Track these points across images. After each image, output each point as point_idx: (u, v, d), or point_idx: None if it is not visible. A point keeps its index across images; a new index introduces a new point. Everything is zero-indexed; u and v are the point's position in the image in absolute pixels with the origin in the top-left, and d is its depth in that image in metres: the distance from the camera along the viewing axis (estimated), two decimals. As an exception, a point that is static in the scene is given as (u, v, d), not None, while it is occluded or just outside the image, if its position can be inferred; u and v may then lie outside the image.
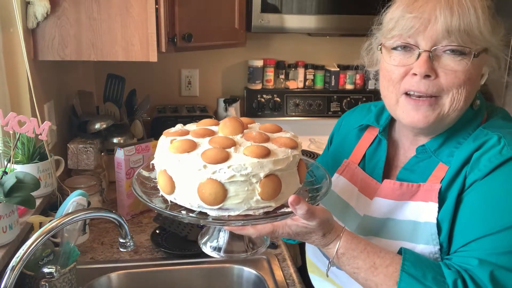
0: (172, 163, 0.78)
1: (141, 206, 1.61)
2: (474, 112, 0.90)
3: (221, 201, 0.76)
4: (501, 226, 0.77)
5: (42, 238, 0.92)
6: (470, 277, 0.77)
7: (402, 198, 0.89)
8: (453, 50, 0.82)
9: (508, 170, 0.79)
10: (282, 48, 2.51)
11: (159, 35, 1.48)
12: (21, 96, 1.41)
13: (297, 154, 0.81)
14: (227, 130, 0.84)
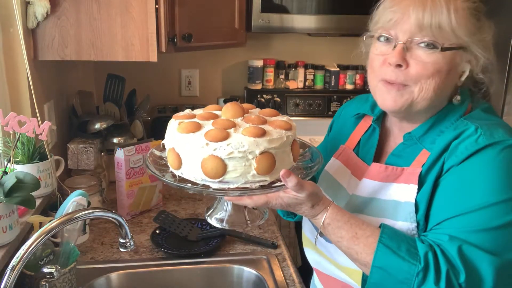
0: (179, 142, 0.89)
1: (141, 206, 1.61)
2: (455, 105, 0.97)
3: (222, 175, 0.86)
4: (472, 208, 0.85)
5: (42, 238, 0.92)
6: (441, 250, 0.85)
7: (387, 180, 0.97)
8: (425, 43, 0.90)
9: (482, 157, 0.87)
10: (282, 48, 2.51)
11: (159, 35, 1.48)
12: (21, 96, 1.41)
13: (290, 135, 0.91)
14: (229, 114, 0.95)
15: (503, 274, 0.83)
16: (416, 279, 0.83)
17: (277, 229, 1.54)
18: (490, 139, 0.88)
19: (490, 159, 0.87)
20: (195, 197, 1.78)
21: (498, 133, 0.89)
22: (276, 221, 1.62)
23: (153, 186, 1.63)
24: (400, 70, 0.92)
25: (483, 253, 0.83)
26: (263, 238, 1.46)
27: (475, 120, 0.93)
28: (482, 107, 0.98)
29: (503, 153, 0.87)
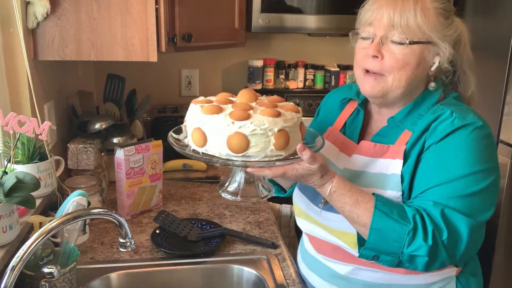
0: (205, 122, 1.01)
1: (141, 206, 1.61)
2: (431, 91, 1.12)
3: (245, 149, 0.99)
4: (450, 178, 1.01)
5: (42, 238, 0.92)
6: (427, 214, 1.00)
7: (375, 156, 1.12)
8: (395, 39, 1.06)
9: (457, 136, 1.03)
10: (282, 48, 2.51)
11: (159, 35, 1.48)
12: (21, 96, 1.41)
13: (299, 116, 1.05)
14: (244, 99, 1.09)
15: (475, 233, 1.00)
16: (407, 237, 0.97)
17: (277, 229, 1.54)
18: (463, 121, 1.03)
19: (463, 137, 1.03)
20: (195, 197, 1.78)
21: (469, 116, 1.05)
22: (276, 221, 1.62)
23: (153, 186, 1.63)
24: (377, 61, 1.08)
25: (461, 216, 0.98)
26: (263, 238, 1.46)
27: (449, 105, 1.08)
28: (453, 95, 1.14)
29: (474, 133, 1.03)
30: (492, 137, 1.07)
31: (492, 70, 1.91)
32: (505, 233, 1.93)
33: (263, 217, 1.63)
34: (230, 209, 1.68)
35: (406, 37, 1.05)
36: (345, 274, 1.16)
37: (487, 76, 1.96)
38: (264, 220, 1.60)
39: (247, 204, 1.72)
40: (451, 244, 0.98)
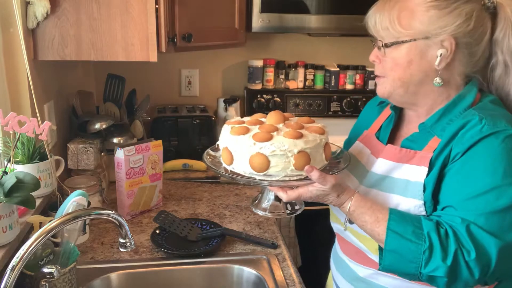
0: (232, 142, 1.09)
1: (141, 206, 1.61)
2: (464, 95, 1.06)
3: (266, 169, 1.05)
4: (479, 191, 0.94)
5: (42, 238, 0.92)
6: (453, 231, 0.94)
7: (400, 161, 1.08)
8: (380, 43, 1.07)
9: (486, 145, 0.96)
10: (282, 48, 2.51)
11: (159, 35, 1.48)
12: (21, 96, 1.41)
13: (323, 139, 1.09)
14: (272, 120, 1.15)
15: (505, 253, 0.92)
16: (423, 257, 0.93)
17: (277, 229, 1.55)
18: (493, 128, 0.96)
19: (493, 146, 0.95)
20: (195, 197, 1.78)
21: (501, 123, 0.97)
22: (276, 221, 1.62)
23: (153, 186, 1.63)
24: (377, 65, 1.11)
25: (489, 235, 0.92)
26: (263, 238, 1.46)
27: (481, 111, 1.01)
28: (489, 98, 1.07)
29: (506, 141, 0.95)
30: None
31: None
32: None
33: (263, 217, 1.63)
34: (230, 209, 1.68)
35: (383, 40, 1.06)
36: (365, 276, 1.14)
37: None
38: (264, 220, 1.60)
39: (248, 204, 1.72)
40: (478, 265, 0.91)
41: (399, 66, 1.06)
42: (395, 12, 1.04)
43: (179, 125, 2.17)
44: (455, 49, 1.02)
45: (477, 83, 1.08)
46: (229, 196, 1.80)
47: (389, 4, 1.05)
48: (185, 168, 2.07)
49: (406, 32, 1.03)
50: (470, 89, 1.06)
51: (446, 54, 1.02)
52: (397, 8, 1.04)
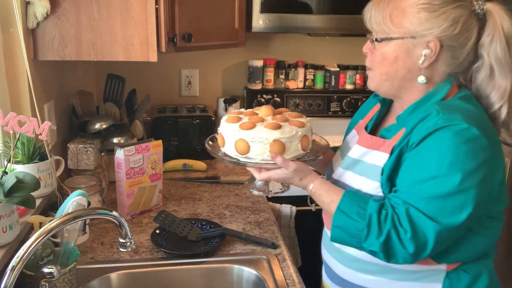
0: (225, 128, 1.28)
1: (141, 206, 1.61)
2: (437, 90, 1.13)
3: (246, 152, 1.23)
4: (422, 178, 1.03)
5: (42, 238, 0.92)
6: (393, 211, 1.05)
7: (371, 147, 1.18)
8: (373, 37, 1.14)
9: (437, 136, 1.02)
10: (282, 48, 2.51)
11: (159, 35, 1.48)
12: (21, 96, 1.41)
13: (300, 132, 1.23)
14: (263, 113, 1.32)
15: (441, 237, 1.02)
16: (362, 234, 1.05)
17: (277, 229, 1.55)
18: (447, 122, 1.02)
19: (444, 138, 1.02)
20: (195, 197, 1.78)
21: (455, 117, 1.02)
22: (276, 221, 1.62)
23: (153, 186, 1.63)
24: (368, 56, 1.17)
25: (427, 218, 1.01)
26: (263, 238, 1.46)
27: (443, 105, 1.08)
28: (460, 94, 1.12)
29: (456, 135, 1.01)
30: (483, 140, 1.01)
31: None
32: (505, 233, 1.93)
33: (263, 217, 1.63)
34: (230, 209, 1.68)
35: (376, 35, 1.13)
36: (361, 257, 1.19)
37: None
38: (264, 220, 1.60)
39: (248, 204, 1.72)
40: (412, 243, 1.01)
41: (387, 61, 1.12)
42: (388, 10, 1.10)
43: (179, 125, 2.18)
44: (440, 50, 1.08)
45: (453, 80, 1.13)
46: (229, 196, 1.80)
47: (385, 1, 1.11)
48: (185, 168, 2.07)
49: (396, 30, 1.09)
50: (444, 86, 1.12)
51: (430, 55, 1.08)
52: (391, 7, 1.09)
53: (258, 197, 1.79)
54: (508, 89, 1.10)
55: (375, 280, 1.18)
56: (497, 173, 1.06)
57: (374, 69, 1.16)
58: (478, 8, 1.08)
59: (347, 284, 1.23)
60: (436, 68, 1.11)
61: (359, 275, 1.20)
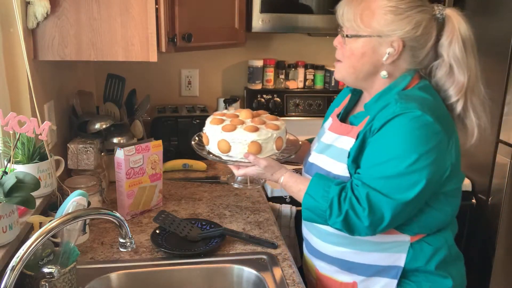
0: (209, 129, 1.44)
1: (141, 206, 1.61)
2: (399, 81, 1.24)
3: (228, 151, 1.39)
4: (379, 161, 1.16)
5: (42, 238, 0.92)
6: (352, 193, 1.17)
7: (341, 133, 1.30)
8: (343, 33, 1.25)
9: (395, 122, 1.14)
10: (282, 48, 2.51)
11: (159, 35, 1.48)
12: (21, 96, 1.41)
13: (275, 134, 1.39)
14: (243, 116, 1.48)
15: (397, 211, 1.14)
16: (326, 214, 1.19)
17: (277, 229, 1.55)
18: (403, 109, 1.13)
19: (400, 124, 1.13)
20: (195, 197, 1.78)
21: (411, 105, 1.14)
22: (276, 221, 1.62)
23: (153, 186, 1.63)
24: (338, 49, 1.28)
25: (381, 196, 1.14)
26: (263, 238, 1.46)
27: (402, 95, 1.20)
28: (419, 85, 1.24)
29: (412, 121, 1.12)
30: (435, 126, 1.12)
31: (492, 70, 1.91)
32: (505, 233, 1.93)
33: (263, 217, 1.63)
34: (230, 209, 1.68)
35: (346, 31, 1.24)
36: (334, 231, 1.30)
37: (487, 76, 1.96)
38: (264, 220, 1.60)
39: (248, 204, 1.72)
40: (369, 219, 1.14)
41: (354, 55, 1.23)
42: (359, 9, 1.20)
43: (179, 125, 2.17)
44: (402, 49, 1.20)
45: (413, 73, 1.24)
46: (229, 196, 1.80)
47: (356, 1, 1.21)
48: (185, 168, 2.07)
49: (365, 29, 1.20)
50: (405, 77, 1.24)
51: (393, 53, 1.20)
52: (362, 6, 1.20)
53: (258, 197, 1.79)
54: (465, 85, 1.21)
55: (348, 252, 1.29)
56: (448, 155, 1.17)
57: (343, 61, 1.27)
58: (439, 13, 1.20)
59: (325, 256, 1.34)
60: (397, 65, 1.23)
61: (334, 247, 1.31)
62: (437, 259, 1.25)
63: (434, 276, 1.27)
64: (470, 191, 2.06)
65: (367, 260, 1.28)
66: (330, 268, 1.34)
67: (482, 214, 2.01)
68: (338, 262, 1.31)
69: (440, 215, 1.23)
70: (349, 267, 1.30)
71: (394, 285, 1.26)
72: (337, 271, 1.32)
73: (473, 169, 2.07)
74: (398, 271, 1.25)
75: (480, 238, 2.03)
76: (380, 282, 1.28)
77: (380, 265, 1.27)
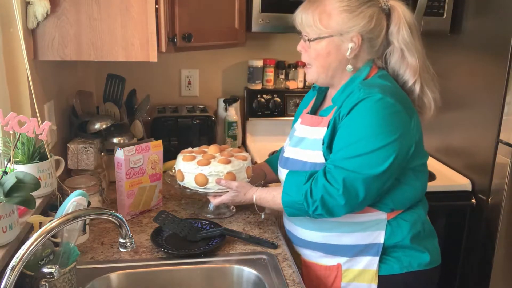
0: (183, 166, 1.56)
1: (141, 206, 1.61)
2: (359, 73, 1.36)
3: (205, 184, 1.52)
4: (349, 142, 1.26)
5: (42, 238, 0.92)
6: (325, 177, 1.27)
7: (312, 125, 1.40)
8: (304, 37, 1.36)
9: (360, 107, 1.25)
10: (282, 48, 2.51)
11: (159, 35, 1.48)
12: (21, 96, 1.41)
13: (245, 163, 1.56)
14: (212, 151, 1.63)
15: (370, 186, 1.24)
16: (303, 206, 1.29)
17: (277, 229, 1.55)
18: (366, 94, 1.25)
19: (365, 107, 1.24)
20: (194, 198, 1.78)
21: (374, 90, 1.25)
22: (276, 221, 1.62)
23: (153, 186, 1.63)
24: (303, 53, 1.39)
25: (354, 173, 1.24)
26: (263, 238, 1.46)
27: (364, 83, 1.32)
28: (378, 74, 1.36)
29: (376, 104, 1.24)
30: (397, 106, 1.25)
31: (492, 70, 1.91)
32: (505, 233, 1.93)
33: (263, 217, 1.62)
34: (230, 209, 1.68)
35: (308, 35, 1.34)
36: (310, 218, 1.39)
37: (487, 76, 1.96)
38: (264, 220, 1.60)
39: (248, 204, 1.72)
40: (345, 197, 1.24)
41: (321, 56, 1.34)
42: (316, 14, 1.31)
43: (179, 125, 2.18)
44: (361, 42, 1.31)
45: (371, 64, 1.37)
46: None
47: (312, 7, 1.32)
48: (185, 168, 2.07)
49: (325, 30, 1.31)
50: (364, 68, 1.36)
51: (354, 47, 1.32)
52: (318, 11, 1.31)
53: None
54: (418, 66, 1.33)
55: (331, 235, 1.37)
56: (412, 133, 1.28)
57: (312, 64, 1.37)
58: (384, 5, 1.33)
59: (309, 244, 1.42)
60: (359, 57, 1.35)
61: (317, 233, 1.39)
62: (413, 233, 1.35)
63: (412, 250, 1.36)
64: (470, 191, 2.05)
65: (349, 241, 1.36)
66: (314, 254, 1.42)
67: (482, 214, 2.01)
68: (322, 247, 1.39)
69: (411, 190, 1.34)
70: (333, 250, 1.38)
71: (376, 261, 1.35)
72: (322, 256, 1.41)
73: (473, 169, 2.07)
74: (378, 248, 1.35)
75: (480, 238, 2.03)
76: (363, 261, 1.36)
77: (361, 244, 1.35)
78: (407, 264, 1.36)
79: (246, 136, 2.52)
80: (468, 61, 2.09)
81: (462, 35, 2.12)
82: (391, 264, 1.36)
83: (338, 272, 1.39)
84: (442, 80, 1.42)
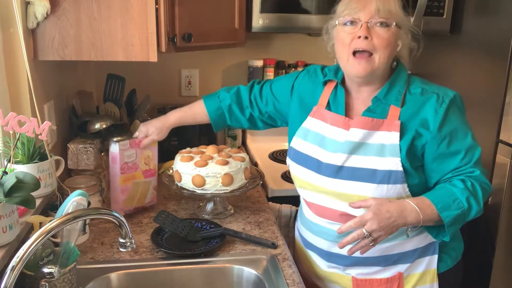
0: (181, 167, 1.56)
1: (135, 202, 1.61)
2: (400, 71, 1.35)
3: (203, 185, 1.53)
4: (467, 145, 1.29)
5: (42, 238, 0.92)
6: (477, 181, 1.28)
7: (372, 129, 1.30)
8: (381, 22, 1.26)
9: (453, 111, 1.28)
10: (282, 48, 2.51)
11: (159, 35, 1.48)
12: (21, 96, 1.41)
13: (243, 165, 1.56)
14: (210, 151, 1.63)
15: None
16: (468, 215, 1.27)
17: (277, 229, 1.55)
18: (448, 97, 1.28)
19: (457, 107, 1.29)
20: (194, 198, 1.78)
21: (446, 91, 1.30)
22: (276, 221, 1.62)
23: (147, 182, 1.62)
24: (368, 41, 1.26)
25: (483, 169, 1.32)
26: (263, 238, 1.46)
27: (420, 81, 1.34)
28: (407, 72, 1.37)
29: (460, 102, 1.30)
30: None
31: (492, 70, 1.91)
32: (505, 233, 1.93)
33: (263, 217, 1.63)
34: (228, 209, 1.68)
35: (388, 21, 1.26)
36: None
37: (487, 76, 1.96)
38: (264, 220, 1.60)
39: (248, 204, 1.72)
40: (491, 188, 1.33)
41: (391, 45, 1.28)
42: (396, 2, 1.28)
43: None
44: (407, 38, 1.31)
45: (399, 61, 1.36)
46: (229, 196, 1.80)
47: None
48: (185, 168, 2.07)
49: (403, 18, 1.29)
50: (402, 66, 1.36)
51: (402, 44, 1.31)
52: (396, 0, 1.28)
53: (258, 197, 1.79)
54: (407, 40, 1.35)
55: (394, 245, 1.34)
56: None
57: (375, 53, 1.27)
58: None
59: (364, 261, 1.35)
60: (398, 53, 1.33)
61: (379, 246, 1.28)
62: None
63: (456, 242, 1.40)
64: (470, 191, 2.05)
65: (411, 246, 1.34)
66: (369, 270, 1.37)
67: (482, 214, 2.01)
68: (381, 260, 1.35)
69: None
70: (395, 260, 1.35)
71: (435, 260, 1.36)
72: (380, 270, 1.37)
73: (473, 169, 2.07)
74: (435, 246, 1.36)
75: (480, 238, 2.03)
76: (423, 263, 1.36)
77: (421, 246, 1.35)
78: (454, 256, 1.40)
79: (246, 136, 2.52)
80: (468, 61, 2.09)
81: (462, 35, 2.12)
82: (445, 259, 1.38)
83: (400, 281, 1.36)
84: (442, 80, 1.42)
